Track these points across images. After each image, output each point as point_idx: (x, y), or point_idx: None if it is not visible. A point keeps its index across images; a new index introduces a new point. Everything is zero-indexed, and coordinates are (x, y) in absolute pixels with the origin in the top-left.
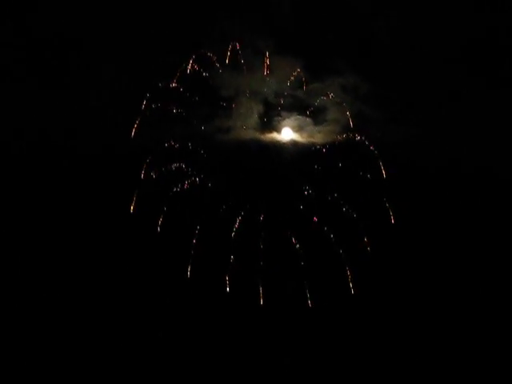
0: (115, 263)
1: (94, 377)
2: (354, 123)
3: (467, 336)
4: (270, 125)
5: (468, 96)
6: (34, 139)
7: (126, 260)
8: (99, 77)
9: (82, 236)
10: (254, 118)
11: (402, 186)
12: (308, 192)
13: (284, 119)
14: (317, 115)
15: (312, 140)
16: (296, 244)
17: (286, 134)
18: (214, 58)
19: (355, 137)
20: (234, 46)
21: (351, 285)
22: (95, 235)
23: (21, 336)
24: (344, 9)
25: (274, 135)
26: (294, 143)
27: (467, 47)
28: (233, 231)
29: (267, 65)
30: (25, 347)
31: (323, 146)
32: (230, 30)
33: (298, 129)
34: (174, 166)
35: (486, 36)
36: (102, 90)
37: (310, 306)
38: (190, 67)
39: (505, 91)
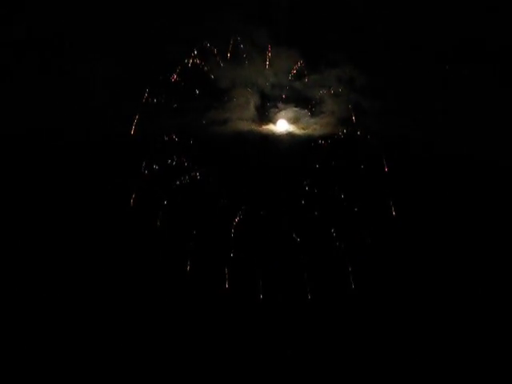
0: (115, 256)
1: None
2: (351, 115)
3: (471, 333)
4: (266, 116)
5: (467, 89)
6: (30, 134)
7: (125, 253)
8: (96, 71)
9: (83, 229)
10: (251, 110)
11: (402, 177)
12: (308, 185)
13: (280, 111)
14: (313, 107)
15: (309, 132)
16: (296, 238)
17: (283, 125)
18: (215, 51)
19: (353, 128)
20: (234, 39)
21: (351, 278)
22: (95, 228)
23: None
24: (341, 4)
25: (271, 127)
26: (290, 135)
27: (465, 44)
28: (232, 225)
29: (268, 57)
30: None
31: (320, 137)
32: (228, 21)
33: (295, 120)
34: (173, 159)
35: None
36: (100, 84)
37: (309, 298)
38: (191, 61)
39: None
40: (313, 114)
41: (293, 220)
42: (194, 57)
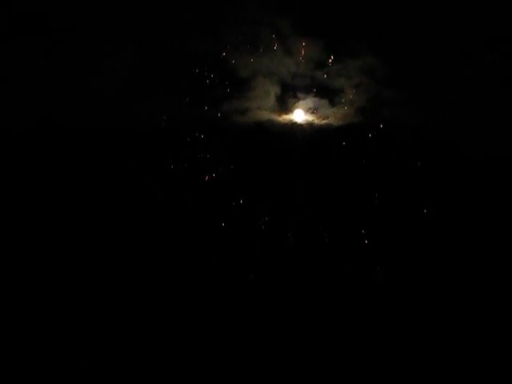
0: (141, 252)
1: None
2: (371, 105)
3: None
4: (285, 106)
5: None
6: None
7: (152, 248)
8: (115, 60)
9: (109, 225)
10: (271, 100)
11: (431, 172)
12: (332, 179)
13: (300, 100)
14: (333, 97)
15: (328, 122)
16: (324, 233)
17: (302, 115)
18: (236, 40)
19: (373, 119)
20: (255, 28)
21: (378, 276)
22: (122, 225)
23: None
24: None
25: (290, 116)
26: (310, 125)
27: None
28: (259, 221)
29: (290, 46)
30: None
31: (340, 128)
32: (249, 10)
33: (314, 110)
34: (196, 150)
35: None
36: (117, 73)
37: (336, 295)
38: (212, 50)
39: None
40: (332, 104)
41: (319, 215)
42: (215, 46)
